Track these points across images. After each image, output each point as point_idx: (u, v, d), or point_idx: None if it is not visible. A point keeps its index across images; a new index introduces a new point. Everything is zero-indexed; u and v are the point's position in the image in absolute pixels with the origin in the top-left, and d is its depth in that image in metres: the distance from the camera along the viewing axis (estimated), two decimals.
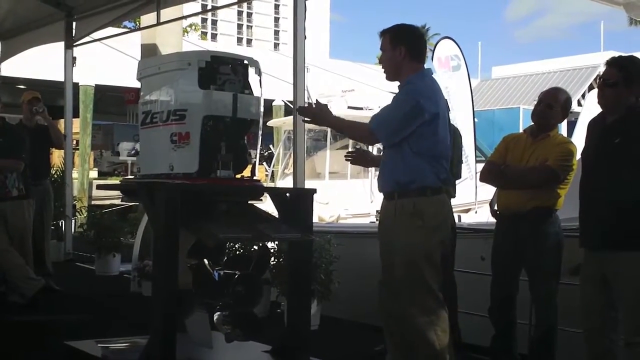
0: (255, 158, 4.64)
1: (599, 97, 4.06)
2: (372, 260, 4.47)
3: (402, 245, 4.14)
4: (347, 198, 13.55)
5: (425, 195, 4.15)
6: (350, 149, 15.24)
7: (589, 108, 13.18)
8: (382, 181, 4.35)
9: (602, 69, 4.16)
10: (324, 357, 4.81)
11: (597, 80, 4.26)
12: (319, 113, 4.34)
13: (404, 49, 4.24)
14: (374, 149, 12.97)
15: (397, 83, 4.32)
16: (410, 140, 4.13)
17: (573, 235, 4.42)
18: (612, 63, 4.01)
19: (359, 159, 5.19)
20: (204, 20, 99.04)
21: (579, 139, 4.67)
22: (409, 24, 4.40)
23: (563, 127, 14.84)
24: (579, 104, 26.15)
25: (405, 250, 4.12)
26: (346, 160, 5.06)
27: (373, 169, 14.05)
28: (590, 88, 28.36)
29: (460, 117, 11.71)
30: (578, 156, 4.69)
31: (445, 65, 13.07)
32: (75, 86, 11.67)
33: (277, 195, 4.77)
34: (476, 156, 13.92)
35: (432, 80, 4.33)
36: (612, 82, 3.96)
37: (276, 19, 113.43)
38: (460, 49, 14.08)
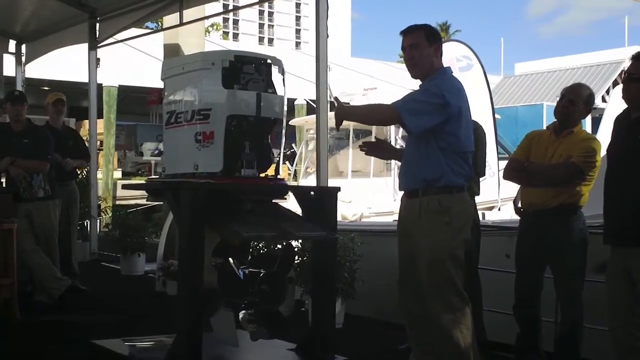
0: (279, 157, 4.66)
1: (623, 92, 4.04)
2: (396, 259, 4.47)
3: (427, 243, 4.11)
4: (370, 196, 13.54)
5: (450, 193, 4.14)
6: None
7: (614, 104, 13.11)
8: (406, 178, 4.33)
9: (627, 64, 4.14)
10: (349, 355, 4.81)
11: (622, 76, 4.24)
12: (339, 111, 4.25)
13: (440, 46, 4.26)
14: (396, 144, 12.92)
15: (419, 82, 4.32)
16: (437, 137, 4.11)
17: (598, 232, 4.40)
18: (637, 57, 3.99)
19: (376, 149, 4.94)
20: (226, 20, 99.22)
21: (604, 135, 4.65)
22: None
23: (587, 124, 14.77)
24: (604, 100, 25.96)
25: (431, 248, 4.10)
26: (361, 150, 4.80)
27: (396, 167, 14.07)
28: (615, 84, 28.12)
29: (477, 116, 11.71)
30: (602, 152, 4.66)
31: None
32: (99, 87, 11.74)
33: (301, 193, 4.78)
34: (498, 153, 13.87)
35: (453, 77, 4.31)
36: (636, 77, 3.93)
37: (297, 18, 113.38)
38: (470, 49, 14.03)
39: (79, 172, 9.03)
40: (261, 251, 6.25)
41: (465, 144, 4.21)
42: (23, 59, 11.83)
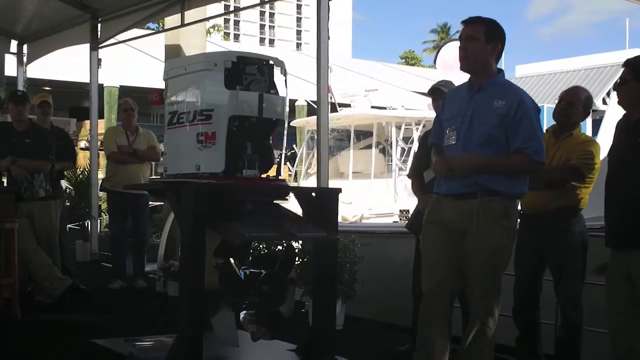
0: (280, 158, 4.66)
1: (618, 97, 4.09)
2: (396, 260, 4.47)
3: (487, 247, 3.98)
4: (371, 198, 13.56)
5: (512, 199, 4.10)
6: (373, 149, 15.21)
7: (614, 106, 13.12)
8: (460, 182, 4.07)
9: None
10: (349, 356, 4.82)
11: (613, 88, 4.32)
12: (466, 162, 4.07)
13: (498, 46, 4.12)
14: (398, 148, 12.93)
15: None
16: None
17: (597, 234, 4.40)
18: (623, 64, 4.07)
19: None
20: (227, 21, 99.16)
21: (605, 137, 4.66)
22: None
23: (588, 126, 14.74)
24: (604, 102, 25.97)
25: (491, 253, 3.98)
26: None
27: (397, 168, 14.10)
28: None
29: None
30: (602, 154, 4.68)
31: (451, 68, 13.09)
32: (100, 87, 11.75)
33: (302, 194, 4.79)
34: None
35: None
36: (623, 80, 4.00)
37: (298, 19, 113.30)
38: None
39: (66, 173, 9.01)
40: (262, 252, 6.26)
41: None
42: (25, 59, 11.83)
